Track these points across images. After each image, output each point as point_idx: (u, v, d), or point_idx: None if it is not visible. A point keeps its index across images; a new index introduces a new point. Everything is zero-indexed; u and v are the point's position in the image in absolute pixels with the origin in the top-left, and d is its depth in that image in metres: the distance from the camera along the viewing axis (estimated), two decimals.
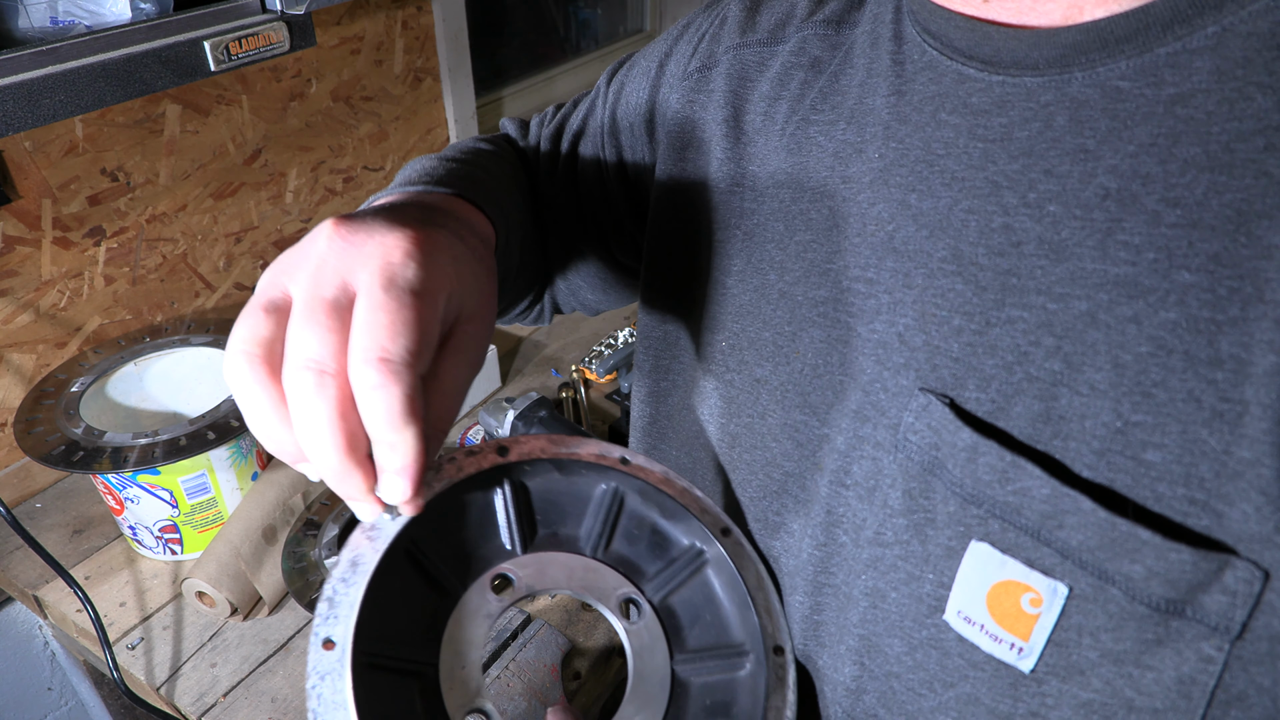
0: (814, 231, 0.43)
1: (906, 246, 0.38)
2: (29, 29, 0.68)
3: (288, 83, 1.18)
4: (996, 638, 0.34)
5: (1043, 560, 0.33)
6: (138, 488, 0.84)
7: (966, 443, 0.34)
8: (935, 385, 0.36)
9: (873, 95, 0.43)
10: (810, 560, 0.41)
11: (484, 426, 1.02)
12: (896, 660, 0.38)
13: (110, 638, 0.82)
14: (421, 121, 1.41)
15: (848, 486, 0.39)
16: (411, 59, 1.35)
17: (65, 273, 0.99)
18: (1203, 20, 0.32)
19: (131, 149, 1.02)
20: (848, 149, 0.43)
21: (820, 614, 0.41)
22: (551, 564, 0.37)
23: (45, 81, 0.65)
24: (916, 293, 0.38)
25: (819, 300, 0.42)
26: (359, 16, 1.24)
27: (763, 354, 0.44)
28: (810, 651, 0.42)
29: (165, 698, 0.79)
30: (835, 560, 0.40)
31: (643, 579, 0.38)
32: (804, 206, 0.44)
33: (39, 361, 1.00)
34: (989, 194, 0.36)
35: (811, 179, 0.44)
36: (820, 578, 0.41)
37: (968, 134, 0.37)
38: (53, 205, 0.96)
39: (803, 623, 0.42)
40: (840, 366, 0.40)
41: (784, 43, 0.49)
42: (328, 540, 0.87)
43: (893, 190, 0.40)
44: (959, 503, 0.35)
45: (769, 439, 0.43)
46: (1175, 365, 0.31)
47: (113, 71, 0.68)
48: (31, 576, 0.90)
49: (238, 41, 0.74)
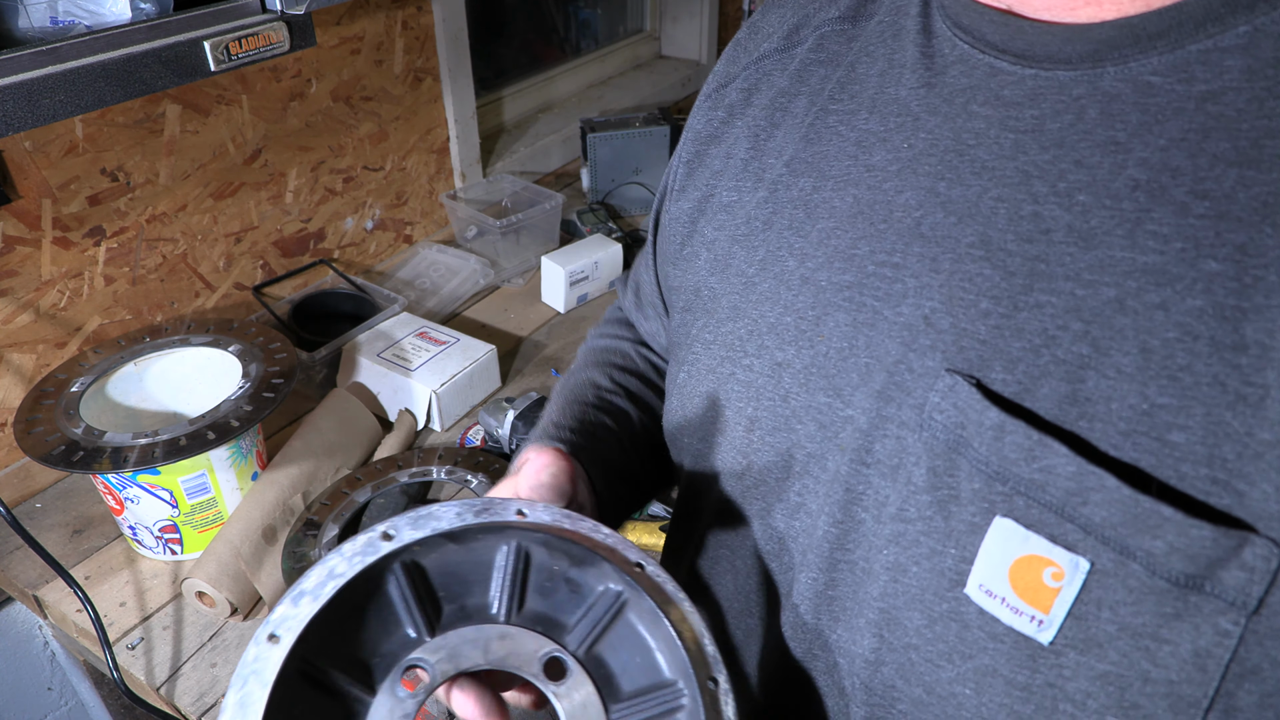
0: (837, 219, 0.44)
1: (934, 232, 0.39)
2: (29, 29, 0.68)
3: (288, 83, 1.18)
4: (1017, 610, 0.35)
5: (1065, 535, 0.34)
6: (138, 488, 0.84)
7: (993, 421, 0.35)
8: (961, 366, 0.37)
9: (896, 86, 0.44)
10: (826, 537, 0.42)
11: (484, 426, 1.02)
12: (916, 633, 0.38)
13: (110, 638, 0.82)
14: (421, 121, 1.41)
15: (869, 465, 0.40)
16: (411, 59, 1.35)
17: (65, 273, 0.99)
18: (1235, 19, 0.33)
19: (131, 149, 1.02)
20: (870, 138, 0.44)
21: (835, 589, 0.42)
22: (464, 641, 0.35)
23: (45, 81, 0.65)
24: (944, 277, 0.39)
25: (843, 285, 0.43)
26: (359, 16, 1.24)
27: (784, 338, 0.45)
28: (823, 626, 0.43)
29: (165, 698, 0.79)
30: (852, 536, 0.41)
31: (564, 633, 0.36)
32: (826, 194, 0.45)
33: (39, 361, 1.00)
34: (1019, 183, 0.37)
35: (833, 167, 0.45)
36: (836, 554, 0.42)
37: (999, 125, 0.39)
38: (53, 205, 0.96)
39: (815, 598, 0.43)
40: (866, 349, 0.41)
41: (801, 44, 0.51)
42: (328, 540, 0.87)
43: (921, 178, 0.41)
44: (984, 480, 0.36)
45: (792, 421, 0.44)
46: (1201, 350, 0.32)
47: (113, 71, 0.68)
48: (31, 576, 0.90)
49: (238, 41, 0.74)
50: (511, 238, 1.40)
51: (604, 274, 1.35)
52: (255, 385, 0.89)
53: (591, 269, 1.32)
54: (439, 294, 1.32)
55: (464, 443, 1.06)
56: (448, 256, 1.39)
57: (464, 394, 1.10)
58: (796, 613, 0.44)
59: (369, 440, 1.03)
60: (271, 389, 0.88)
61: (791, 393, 0.44)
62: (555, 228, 1.45)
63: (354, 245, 1.38)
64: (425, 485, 0.99)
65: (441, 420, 1.07)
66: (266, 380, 0.89)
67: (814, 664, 0.44)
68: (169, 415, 0.98)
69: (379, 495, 0.94)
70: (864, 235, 0.42)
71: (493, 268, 1.37)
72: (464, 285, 1.34)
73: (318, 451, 0.96)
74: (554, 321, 1.31)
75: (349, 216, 1.35)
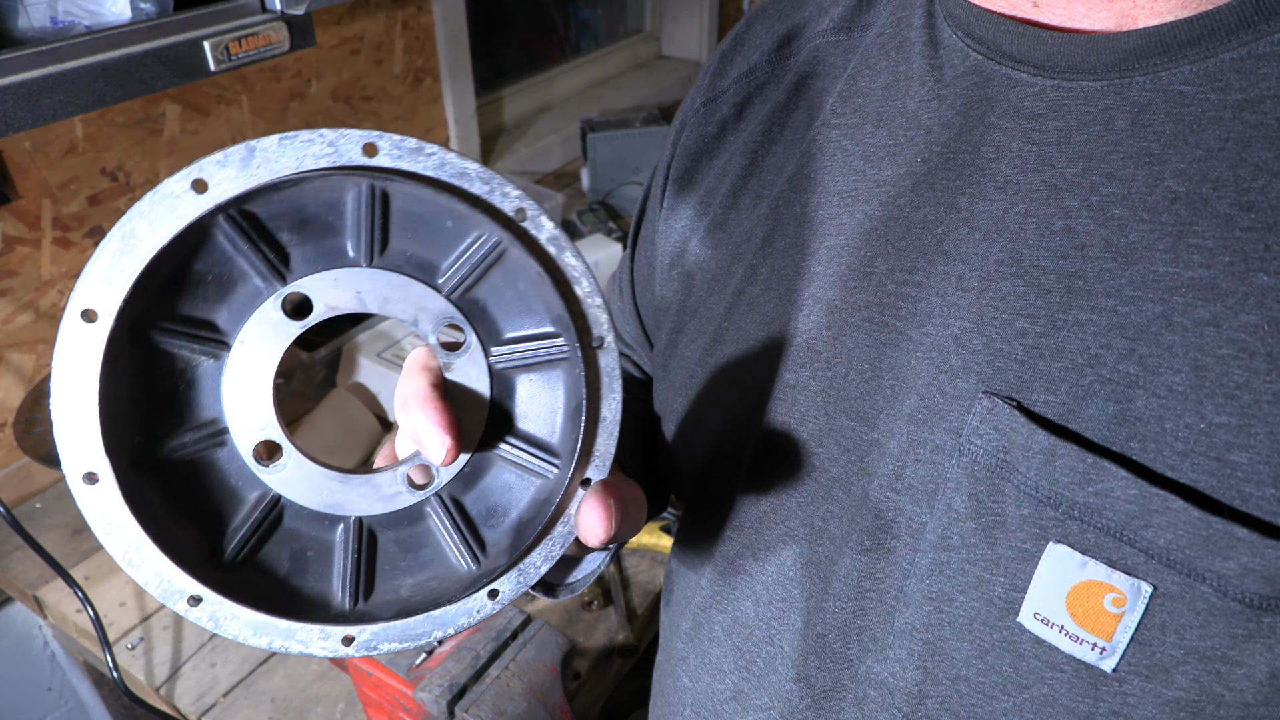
0: (847, 236, 0.43)
1: (958, 249, 0.38)
2: (29, 29, 0.68)
3: (288, 83, 1.17)
4: (1077, 638, 0.34)
5: (1125, 560, 0.33)
6: None
7: (1042, 445, 0.34)
8: (999, 388, 0.36)
9: (904, 98, 0.42)
10: (853, 564, 0.41)
11: None
12: (965, 664, 0.37)
13: (110, 638, 0.82)
14: (421, 121, 1.41)
15: (900, 491, 0.39)
16: (411, 59, 1.35)
17: (65, 273, 0.99)
18: (1269, 26, 0.32)
19: (131, 149, 1.02)
20: (878, 152, 0.43)
21: (864, 618, 0.41)
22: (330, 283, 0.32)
23: (45, 81, 0.65)
24: (973, 295, 0.37)
25: (861, 304, 0.41)
26: (359, 16, 1.24)
27: (796, 360, 0.43)
28: (851, 655, 0.42)
29: (165, 698, 0.79)
30: (882, 565, 0.40)
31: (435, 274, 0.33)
32: (832, 210, 0.44)
33: (39, 361, 1.00)
34: (1047, 197, 0.36)
35: (838, 183, 0.44)
36: (864, 582, 0.40)
37: (1021, 137, 0.37)
38: (53, 205, 0.96)
39: (843, 627, 0.42)
40: (890, 371, 0.40)
41: (794, 56, 0.49)
42: None
43: (938, 193, 0.39)
44: (1033, 505, 0.35)
45: (811, 444, 0.43)
46: (1259, 367, 0.31)
47: (113, 71, 0.68)
48: (31, 576, 0.90)
49: (238, 41, 0.74)
50: None
51: (603, 274, 1.35)
52: None
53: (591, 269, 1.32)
54: None
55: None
56: None
57: None
58: (823, 642, 0.43)
59: (369, 440, 1.03)
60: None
61: (808, 416, 0.43)
62: None
63: None
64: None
65: None
66: None
67: (842, 695, 0.43)
68: None
69: None
70: (880, 253, 0.41)
71: None
72: None
73: (317, 451, 0.96)
74: None
75: None
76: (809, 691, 0.44)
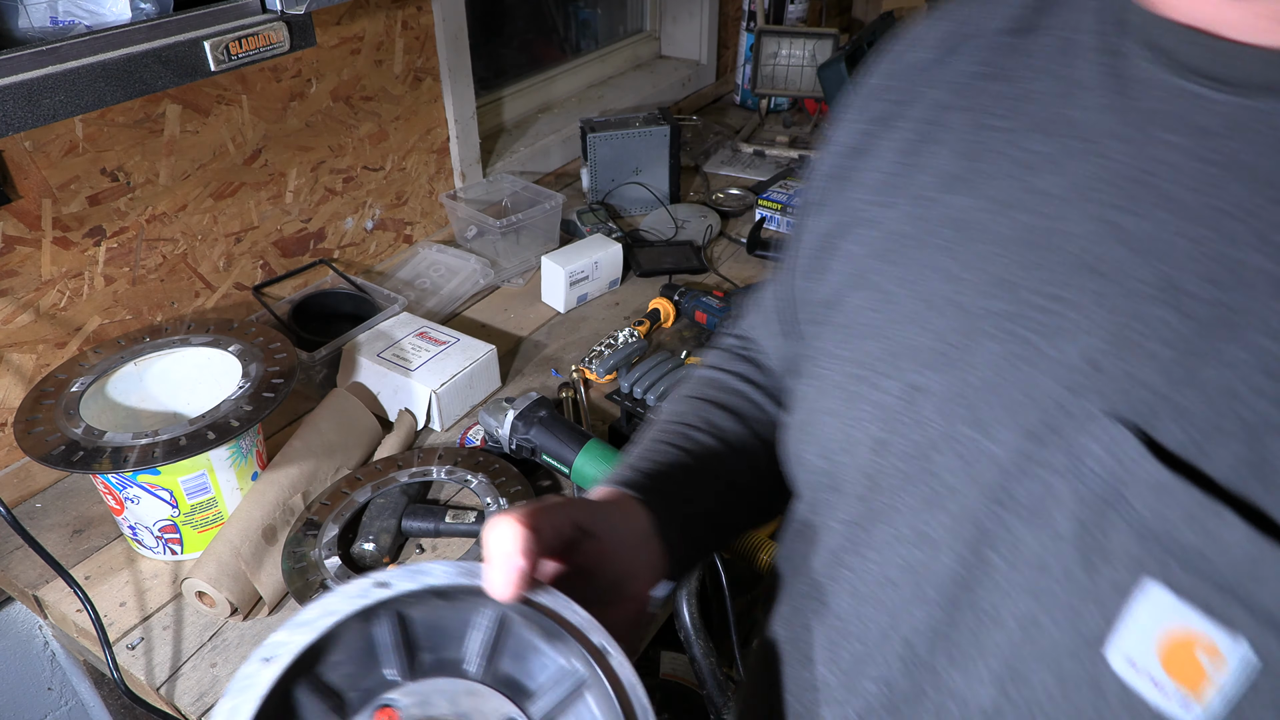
0: (994, 242, 0.42)
1: (1107, 267, 0.37)
2: (29, 29, 0.68)
3: (288, 83, 1.18)
4: (1163, 689, 0.32)
5: (1226, 612, 0.31)
6: (138, 488, 0.84)
7: (1157, 479, 0.33)
8: (1126, 414, 0.35)
9: (1072, 107, 0.41)
10: (950, 574, 0.40)
11: (484, 426, 1.02)
12: (1044, 692, 0.36)
13: (110, 638, 0.82)
14: (421, 121, 1.41)
15: (1006, 506, 0.38)
16: (411, 59, 1.35)
17: (65, 273, 0.99)
18: None
19: (131, 149, 1.02)
20: (1039, 160, 0.41)
21: (954, 630, 0.40)
22: (435, 690, 0.39)
23: (45, 81, 0.65)
24: (1114, 316, 0.36)
25: (996, 313, 0.40)
26: (359, 16, 1.24)
27: (922, 361, 0.43)
28: (937, 664, 0.41)
29: (165, 698, 0.79)
30: (979, 578, 0.39)
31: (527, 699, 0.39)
32: (982, 215, 0.43)
33: (39, 361, 1.00)
34: (1211, 221, 0.34)
35: (993, 187, 0.43)
36: (959, 594, 0.40)
37: (1190, 155, 0.36)
38: (53, 205, 0.96)
39: (932, 635, 0.41)
40: (1017, 383, 0.39)
41: (959, 56, 0.48)
42: (328, 540, 0.87)
43: (1095, 207, 0.38)
44: (1138, 540, 0.33)
45: (927, 449, 0.42)
46: None
47: (113, 71, 0.68)
48: (31, 576, 0.90)
49: (238, 41, 0.74)
50: (511, 238, 1.40)
51: (604, 274, 1.35)
52: (255, 385, 0.89)
53: (591, 269, 1.32)
54: (439, 294, 1.32)
55: (464, 443, 1.06)
56: (448, 256, 1.39)
57: (464, 394, 1.10)
58: (911, 648, 0.42)
59: (369, 440, 1.04)
60: (271, 389, 0.88)
61: (929, 419, 0.42)
62: (555, 228, 1.45)
63: (354, 245, 1.38)
64: (425, 485, 0.99)
65: (441, 420, 1.07)
66: (266, 380, 0.89)
67: (921, 703, 0.42)
68: (169, 415, 0.98)
69: (379, 495, 0.94)
70: (1025, 263, 0.40)
71: (493, 268, 1.37)
72: (464, 285, 1.34)
73: (318, 451, 0.96)
74: (554, 321, 1.31)
75: (349, 216, 1.35)
76: (889, 694, 0.43)
